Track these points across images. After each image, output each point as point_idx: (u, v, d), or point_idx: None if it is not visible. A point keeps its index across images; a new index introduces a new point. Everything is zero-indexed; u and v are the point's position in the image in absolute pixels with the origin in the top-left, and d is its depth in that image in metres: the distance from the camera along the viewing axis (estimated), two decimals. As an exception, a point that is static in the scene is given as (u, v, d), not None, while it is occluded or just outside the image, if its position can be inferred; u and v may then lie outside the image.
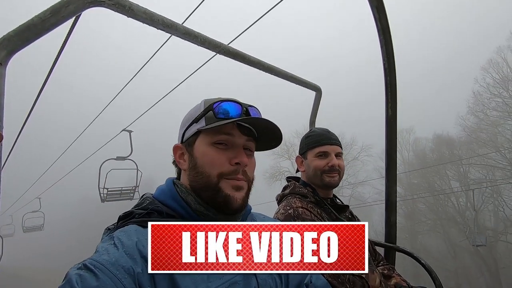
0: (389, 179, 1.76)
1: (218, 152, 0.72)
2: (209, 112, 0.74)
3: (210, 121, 0.73)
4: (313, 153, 1.42)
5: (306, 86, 2.08)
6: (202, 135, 0.74)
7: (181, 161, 0.78)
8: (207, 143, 0.73)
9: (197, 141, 0.75)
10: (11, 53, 0.84)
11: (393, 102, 1.68)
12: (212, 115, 0.73)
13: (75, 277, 0.53)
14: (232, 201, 0.70)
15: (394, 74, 1.63)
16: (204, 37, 1.31)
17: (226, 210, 0.71)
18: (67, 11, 0.90)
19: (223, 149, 0.72)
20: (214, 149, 0.72)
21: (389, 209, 1.78)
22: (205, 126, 0.73)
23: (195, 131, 0.75)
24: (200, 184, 0.72)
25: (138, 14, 1.06)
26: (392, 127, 1.73)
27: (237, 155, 0.72)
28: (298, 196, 1.36)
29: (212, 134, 0.72)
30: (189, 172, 0.75)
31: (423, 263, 1.53)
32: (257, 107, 0.80)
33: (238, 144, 0.74)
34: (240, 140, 0.74)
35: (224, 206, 0.71)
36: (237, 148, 0.73)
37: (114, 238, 0.62)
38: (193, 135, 0.75)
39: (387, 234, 1.78)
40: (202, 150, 0.73)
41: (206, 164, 0.71)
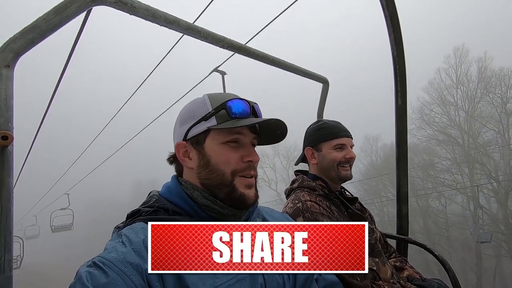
0: (400, 170, 1.73)
1: (231, 151, 0.74)
2: (222, 111, 0.74)
3: (222, 120, 0.73)
4: (330, 145, 1.40)
5: (313, 78, 2.05)
6: (214, 134, 0.74)
7: (186, 159, 0.78)
8: (219, 141, 0.74)
9: (208, 139, 0.75)
10: (18, 55, 0.85)
11: (402, 91, 1.64)
12: (225, 114, 0.74)
13: (85, 275, 0.54)
14: (247, 199, 0.74)
15: (403, 61, 1.58)
16: (207, 31, 1.30)
17: (241, 207, 0.74)
18: (70, 10, 0.91)
19: (235, 147, 0.75)
20: (227, 147, 0.74)
21: (400, 200, 1.75)
22: (219, 126, 0.73)
23: (205, 129, 0.74)
24: (215, 182, 0.73)
25: (140, 11, 1.06)
26: (402, 117, 1.68)
27: (249, 153, 0.75)
28: (306, 189, 1.35)
29: (225, 133, 0.74)
30: (199, 170, 0.75)
31: (436, 255, 1.51)
32: (257, 103, 0.81)
33: (248, 142, 0.77)
34: (249, 138, 0.77)
35: (240, 204, 0.74)
36: (247, 145, 0.76)
37: (122, 236, 0.63)
38: (202, 133, 0.75)
39: (399, 226, 1.75)
40: (215, 148, 0.74)
41: (221, 162, 0.73)
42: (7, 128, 0.79)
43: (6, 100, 0.80)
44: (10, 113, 0.82)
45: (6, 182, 0.79)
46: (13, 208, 0.80)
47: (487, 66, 19.43)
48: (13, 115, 0.83)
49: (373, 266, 1.19)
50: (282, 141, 0.85)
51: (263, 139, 0.83)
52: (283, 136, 0.82)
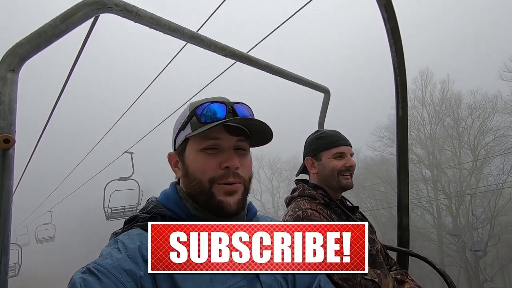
0: (401, 181, 1.72)
1: (207, 158, 0.70)
2: (193, 118, 0.72)
3: (195, 127, 0.71)
4: (329, 154, 1.39)
5: (315, 88, 2.06)
6: (191, 142, 0.73)
7: (176, 169, 0.78)
8: (195, 149, 0.71)
9: (186, 149, 0.74)
10: (23, 60, 0.86)
11: (403, 102, 1.65)
12: (196, 121, 0.71)
13: (79, 281, 0.54)
14: (226, 206, 0.69)
15: (404, 73, 1.59)
16: (210, 40, 1.32)
17: (220, 215, 0.70)
18: (76, 17, 0.93)
19: (213, 154, 0.70)
20: (203, 155, 0.70)
21: (401, 212, 1.73)
22: (191, 133, 0.71)
23: (183, 138, 0.73)
24: (195, 191, 0.71)
25: (145, 19, 1.08)
26: (403, 128, 1.69)
27: (226, 158, 0.70)
28: (307, 198, 1.34)
29: (199, 140, 0.71)
30: (183, 179, 0.75)
31: (437, 268, 1.48)
32: (245, 103, 0.77)
33: (228, 146, 0.71)
34: (229, 142, 0.72)
35: (219, 212, 0.70)
36: (227, 151, 0.71)
37: (118, 242, 0.63)
38: (182, 142, 0.74)
39: (400, 238, 1.73)
40: (192, 157, 0.72)
41: (197, 171, 0.70)
42: (9, 131, 0.80)
43: (10, 104, 0.81)
44: (13, 117, 0.83)
45: (6, 185, 0.79)
46: (11, 212, 0.80)
47: (449, 89, 20.70)
48: (16, 119, 0.84)
49: (374, 278, 1.17)
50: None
51: (254, 141, 0.78)
52: (267, 136, 0.76)
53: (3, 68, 0.81)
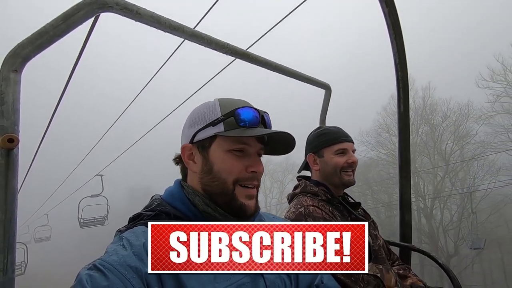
0: (403, 177, 1.72)
1: (236, 160, 0.73)
2: (231, 118, 0.73)
3: (230, 127, 0.72)
4: (331, 151, 1.39)
5: (315, 84, 2.05)
6: (220, 140, 0.73)
7: (191, 162, 0.77)
8: (224, 149, 0.73)
9: (213, 145, 0.74)
10: (26, 60, 0.86)
11: (405, 98, 1.64)
12: (234, 122, 0.72)
13: (86, 277, 0.55)
14: (247, 210, 0.73)
15: (406, 69, 1.59)
16: (211, 38, 1.31)
17: (241, 217, 0.73)
18: (77, 17, 0.93)
19: (240, 156, 0.73)
20: (232, 156, 0.73)
21: (403, 208, 1.73)
22: (225, 133, 0.72)
23: (211, 134, 0.73)
24: (216, 189, 0.73)
25: (145, 18, 1.08)
26: (405, 124, 1.68)
27: (254, 163, 0.74)
28: (309, 194, 1.35)
29: (232, 141, 0.73)
30: (202, 175, 0.75)
31: (440, 263, 1.48)
32: (267, 112, 0.80)
33: (253, 152, 0.75)
34: (255, 148, 0.76)
35: (240, 213, 0.73)
36: (252, 155, 0.75)
37: (123, 239, 0.64)
38: (208, 138, 0.74)
39: (402, 233, 1.73)
40: (220, 156, 0.73)
41: (224, 170, 0.72)
42: (13, 131, 0.81)
43: (13, 104, 0.82)
44: (17, 116, 0.83)
45: (11, 184, 0.80)
46: (17, 211, 0.81)
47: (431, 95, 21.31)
48: (19, 118, 0.84)
49: (377, 273, 1.17)
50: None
51: (268, 149, 0.82)
52: (290, 149, 0.80)
53: (6, 69, 0.82)
